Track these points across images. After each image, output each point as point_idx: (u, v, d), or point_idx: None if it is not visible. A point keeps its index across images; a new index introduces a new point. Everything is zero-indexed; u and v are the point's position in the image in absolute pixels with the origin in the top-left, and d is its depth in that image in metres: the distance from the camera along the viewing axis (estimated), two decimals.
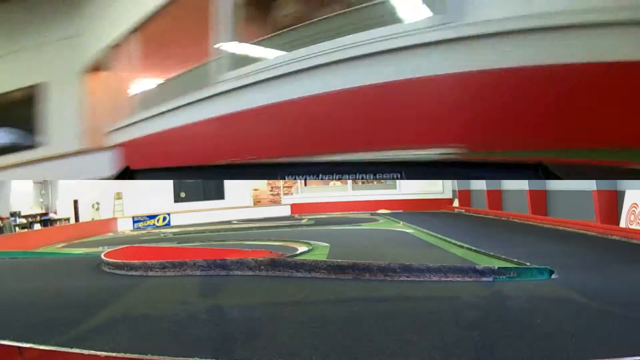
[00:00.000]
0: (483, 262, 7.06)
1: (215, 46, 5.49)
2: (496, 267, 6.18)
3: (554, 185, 13.94)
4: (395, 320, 4.41)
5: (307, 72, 4.43)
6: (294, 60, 4.54)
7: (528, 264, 6.56)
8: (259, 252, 8.56)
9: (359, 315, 4.65)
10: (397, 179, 4.26)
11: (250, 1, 5.52)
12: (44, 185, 20.53)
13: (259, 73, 4.93)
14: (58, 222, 19.45)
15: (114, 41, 7.64)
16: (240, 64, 5.25)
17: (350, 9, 4.48)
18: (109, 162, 7.66)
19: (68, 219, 19.85)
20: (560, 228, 12.15)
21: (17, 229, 17.25)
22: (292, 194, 23.55)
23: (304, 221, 17.99)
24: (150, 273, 7.05)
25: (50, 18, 9.24)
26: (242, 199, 22.43)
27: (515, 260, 6.90)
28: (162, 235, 15.72)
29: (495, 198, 17.55)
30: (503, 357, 3.45)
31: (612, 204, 11.29)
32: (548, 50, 3.08)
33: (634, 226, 10.27)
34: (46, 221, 19.28)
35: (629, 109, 2.87)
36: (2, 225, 16.40)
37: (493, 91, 3.33)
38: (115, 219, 19.75)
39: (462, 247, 9.10)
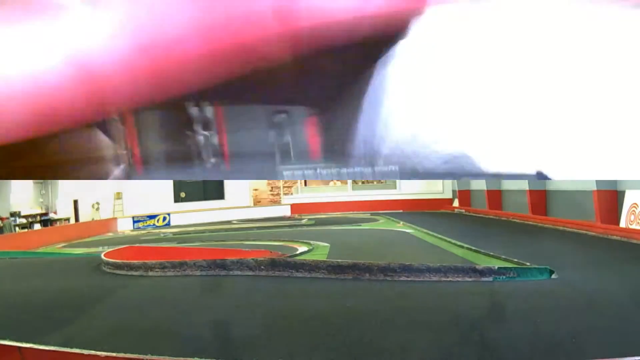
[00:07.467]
0: (483, 262, 7.05)
1: None
2: (496, 267, 6.18)
3: (554, 185, 13.93)
4: (395, 320, 4.41)
5: None
6: None
7: (528, 264, 6.56)
8: (259, 252, 8.56)
9: (359, 315, 4.65)
10: (397, 178, 4.25)
11: None
12: (44, 186, 20.49)
13: None
14: (58, 222, 19.41)
15: None
16: None
17: None
18: None
19: (68, 219, 19.80)
20: (560, 228, 12.14)
21: (17, 229, 17.22)
22: (292, 194, 23.53)
23: (304, 221, 17.99)
24: (150, 273, 7.04)
25: None
26: (242, 199, 22.41)
27: (515, 260, 6.90)
28: (162, 235, 15.72)
29: (495, 198, 17.54)
30: (503, 357, 3.45)
31: (612, 204, 11.27)
32: None
33: (634, 226, 10.26)
34: (46, 221, 19.23)
35: None
36: (2, 225, 16.37)
37: None
38: (115, 219, 19.74)
39: (462, 247, 9.10)
